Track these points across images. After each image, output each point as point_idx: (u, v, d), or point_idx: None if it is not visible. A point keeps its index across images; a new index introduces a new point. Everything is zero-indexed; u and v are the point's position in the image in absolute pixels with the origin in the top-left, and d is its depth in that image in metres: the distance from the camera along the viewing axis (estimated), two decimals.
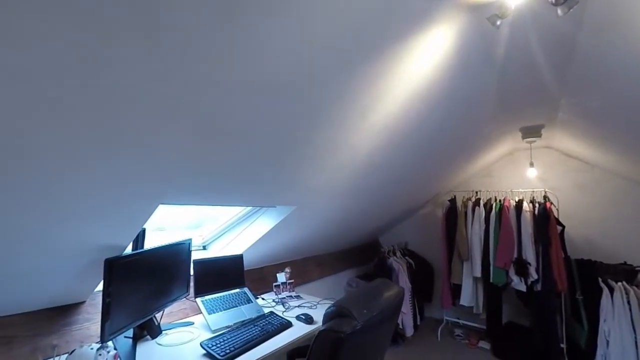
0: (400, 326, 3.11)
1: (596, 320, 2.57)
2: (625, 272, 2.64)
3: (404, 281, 3.23)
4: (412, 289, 3.34)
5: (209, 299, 1.78)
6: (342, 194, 2.09)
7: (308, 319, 1.75)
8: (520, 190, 3.10)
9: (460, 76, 1.48)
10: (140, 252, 1.45)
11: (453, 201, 3.34)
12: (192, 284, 1.83)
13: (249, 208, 2.04)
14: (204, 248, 2.33)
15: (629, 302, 2.47)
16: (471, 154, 2.93)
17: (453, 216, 3.25)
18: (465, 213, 3.18)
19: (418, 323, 3.38)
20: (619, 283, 2.56)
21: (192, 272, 1.82)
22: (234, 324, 1.65)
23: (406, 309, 3.15)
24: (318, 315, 1.84)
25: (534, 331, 2.90)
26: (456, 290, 3.20)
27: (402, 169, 2.30)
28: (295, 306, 2.01)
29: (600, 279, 2.64)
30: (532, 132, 2.55)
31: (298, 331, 1.64)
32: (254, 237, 2.05)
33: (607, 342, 2.50)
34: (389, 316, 1.11)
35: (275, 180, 1.55)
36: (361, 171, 1.90)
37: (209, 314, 1.66)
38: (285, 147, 1.33)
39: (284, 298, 2.15)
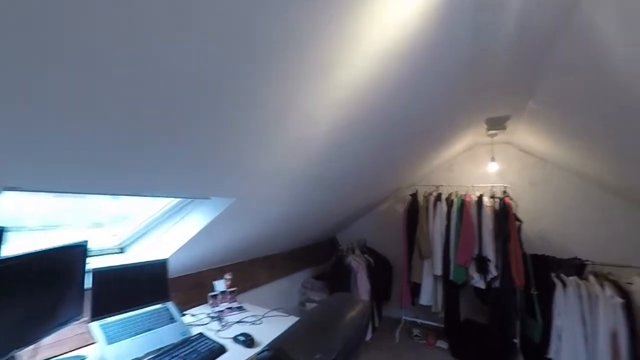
0: None
1: (549, 315, 2.56)
2: (576, 267, 2.67)
3: (363, 281, 3.00)
4: (370, 289, 3.12)
5: (112, 323, 1.32)
6: (294, 185, 1.74)
7: (248, 341, 1.39)
8: (481, 185, 3.02)
9: (436, 44, 1.22)
10: None
11: (415, 196, 3.18)
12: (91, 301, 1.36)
13: (176, 201, 1.61)
14: (121, 251, 1.83)
15: (580, 297, 2.49)
16: (435, 145, 2.76)
17: (414, 212, 3.09)
18: (427, 208, 3.03)
19: (376, 325, 3.18)
20: (571, 277, 2.58)
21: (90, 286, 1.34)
22: (145, 355, 1.22)
23: None
24: (262, 333, 1.49)
25: (490, 328, 2.84)
26: (416, 289, 3.05)
27: (364, 157, 2.03)
28: (235, 322, 1.63)
29: (553, 274, 2.64)
30: (497, 123, 2.43)
31: (234, 359, 1.27)
32: (184, 237, 1.62)
33: (560, 336, 2.50)
34: (352, 348, 0.80)
35: (207, 163, 1.16)
36: (317, 157, 1.57)
37: (109, 343, 1.22)
38: (218, 116, 0.95)
39: (222, 311, 1.75)
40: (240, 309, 1.82)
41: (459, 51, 1.35)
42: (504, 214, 2.68)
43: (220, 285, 1.85)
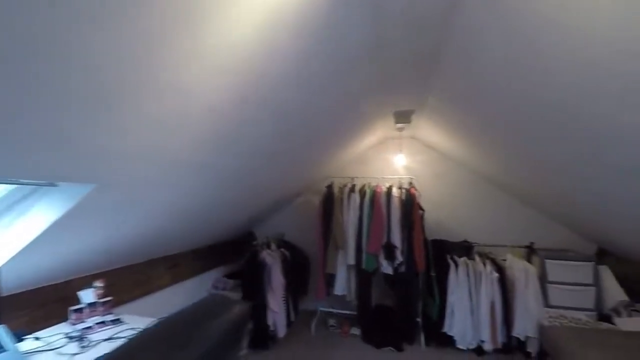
0: (272, 327, 2.75)
1: (445, 294, 2.84)
2: (466, 249, 3.03)
3: (278, 276, 2.88)
4: (285, 284, 3.02)
5: None
6: (177, 174, 1.48)
7: None
8: (390, 177, 3.18)
9: (334, 21, 1.14)
10: None
11: (330, 187, 3.18)
12: None
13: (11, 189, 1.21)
14: None
15: (468, 275, 2.82)
16: (346, 136, 2.78)
17: (330, 203, 3.09)
18: (342, 200, 3.06)
19: (292, 319, 3.10)
20: (462, 258, 2.90)
21: None
22: None
23: (278, 307, 2.80)
24: None
25: (397, 310, 3.03)
26: (331, 280, 3.07)
27: (266, 146, 1.87)
28: (103, 340, 1.32)
29: (448, 256, 2.94)
30: (403, 117, 2.56)
31: None
32: (25, 239, 1.23)
33: (453, 312, 2.80)
34: (216, 358, 0.64)
35: (47, 137, 0.85)
36: (202, 143, 1.35)
37: None
38: (50, 80, 0.67)
39: (89, 328, 1.41)
40: (116, 322, 1.50)
41: (358, 33, 1.30)
42: (409, 204, 2.87)
43: (87, 296, 1.49)
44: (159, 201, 1.62)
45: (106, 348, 1.24)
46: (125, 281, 2.07)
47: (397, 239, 2.84)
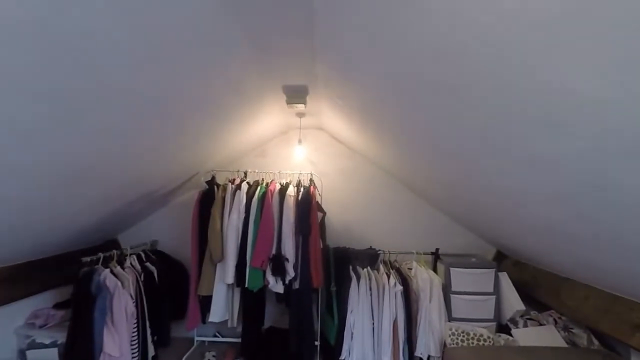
0: None
1: (345, 312, 2.40)
2: (370, 257, 2.64)
3: (124, 305, 2.07)
4: (139, 314, 2.22)
5: None
6: None
7: None
8: (288, 172, 2.63)
9: None
10: None
11: (211, 183, 2.49)
12: None
13: None
14: None
15: (370, 289, 2.42)
16: (233, 121, 2.14)
17: (209, 203, 2.40)
18: (224, 199, 2.39)
19: (151, 354, 2.31)
20: (365, 270, 2.50)
21: None
22: None
23: (119, 349, 1.99)
24: None
25: (291, 333, 2.48)
26: (206, 304, 2.37)
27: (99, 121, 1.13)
28: None
29: (350, 267, 2.51)
30: (295, 95, 2.02)
31: None
32: None
33: (352, 334, 2.36)
34: None
35: None
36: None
37: None
38: None
39: None
40: None
41: None
42: (306, 205, 2.34)
43: None
44: None
45: None
46: None
47: (289, 248, 2.29)
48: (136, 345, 2.15)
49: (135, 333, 2.16)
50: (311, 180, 2.58)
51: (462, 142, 1.46)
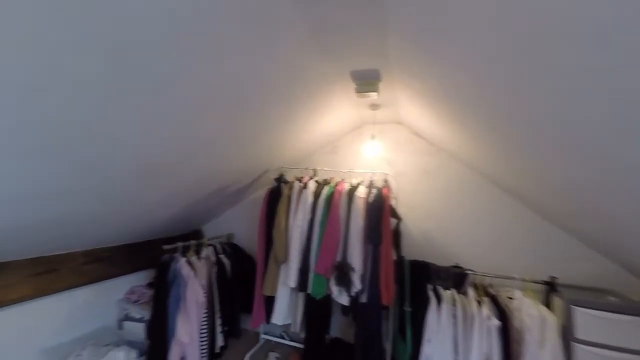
0: None
1: (421, 339, 2.02)
2: (456, 277, 2.17)
3: (196, 294, 2.16)
4: (210, 304, 2.31)
5: None
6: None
7: None
8: (359, 171, 2.37)
9: None
10: None
11: (280, 180, 2.42)
12: None
13: None
14: None
15: (455, 316, 1.98)
16: (299, 115, 2.01)
17: (276, 201, 2.33)
18: (290, 197, 2.29)
19: (217, 350, 2.38)
20: (448, 291, 2.06)
21: None
22: None
23: (190, 336, 2.08)
24: None
25: (356, 350, 2.23)
26: (270, 304, 2.31)
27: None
28: None
29: (429, 286, 2.10)
30: (366, 82, 1.74)
31: None
32: None
33: None
34: None
35: None
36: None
37: None
38: None
39: None
40: None
41: None
42: (377, 209, 2.05)
43: None
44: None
45: None
46: None
47: (356, 257, 2.04)
48: (205, 334, 2.23)
49: (205, 322, 2.24)
50: (385, 180, 2.26)
51: (604, 130, 0.96)
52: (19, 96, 0.90)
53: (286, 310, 2.28)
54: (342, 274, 2.02)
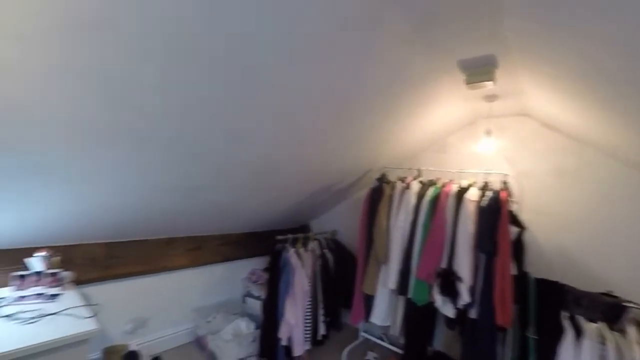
0: (284, 342, 2.29)
1: None
2: (607, 308, 1.69)
3: (301, 281, 2.38)
4: (313, 293, 2.49)
5: None
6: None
7: None
8: (472, 171, 2.13)
9: None
10: None
11: (381, 180, 2.41)
12: None
13: None
14: None
15: (603, 358, 1.55)
16: (401, 112, 1.96)
17: (377, 201, 2.33)
18: (391, 197, 2.25)
19: (319, 337, 2.55)
20: (595, 325, 1.63)
21: None
22: None
23: (295, 318, 2.31)
24: (6, 336, 1.05)
25: None
26: (369, 302, 2.33)
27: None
28: (3, 317, 1.20)
29: (565, 314, 1.71)
30: (478, 71, 1.55)
31: None
32: None
33: None
34: None
35: None
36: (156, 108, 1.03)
37: None
38: None
39: (23, 298, 1.35)
40: (53, 297, 1.40)
41: None
42: (492, 214, 1.80)
43: (36, 263, 1.44)
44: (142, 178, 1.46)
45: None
46: (125, 255, 2.07)
47: (464, 266, 1.84)
48: (309, 321, 2.43)
49: (309, 310, 2.44)
50: (504, 182, 1.96)
51: None
52: (180, 112, 1.21)
53: (385, 311, 2.25)
54: (447, 282, 1.86)
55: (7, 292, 1.36)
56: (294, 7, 0.95)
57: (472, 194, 1.94)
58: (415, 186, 2.18)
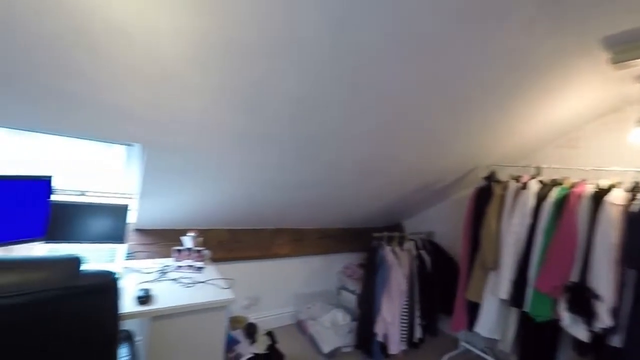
0: (381, 338, 2.31)
1: None
2: None
3: (398, 280, 2.36)
4: (410, 293, 2.44)
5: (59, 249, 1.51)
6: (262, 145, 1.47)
7: (143, 298, 1.29)
8: (615, 169, 1.75)
9: None
10: None
11: (490, 179, 2.20)
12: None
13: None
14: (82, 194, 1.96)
15: None
16: (518, 103, 1.75)
17: (485, 202, 2.14)
18: (503, 198, 2.03)
19: (415, 340, 2.48)
20: None
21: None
22: None
23: (392, 316, 2.30)
24: (171, 295, 1.39)
25: None
26: (474, 310, 2.16)
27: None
28: (171, 279, 1.58)
29: None
30: (628, 46, 1.27)
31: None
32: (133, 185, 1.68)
33: None
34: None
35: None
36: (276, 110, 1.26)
37: None
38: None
39: (180, 267, 1.74)
40: (199, 269, 1.76)
41: None
42: None
43: (187, 241, 1.83)
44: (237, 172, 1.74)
45: (164, 286, 1.48)
46: (245, 241, 2.42)
47: (602, 282, 1.54)
48: (406, 321, 2.39)
49: (406, 310, 2.41)
50: None
51: None
52: (302, 117, 1.36)
53: (494, 322, 2.05)
54: (579, 299, 1.59)
55: (170, 261, 1.78)
56: (406, 8, 0.96)
57: (616, 197, 1.60)
58: (534, 186, 1.92)
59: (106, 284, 0.69)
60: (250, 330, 2.01)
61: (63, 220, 1.56)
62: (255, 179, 1.86)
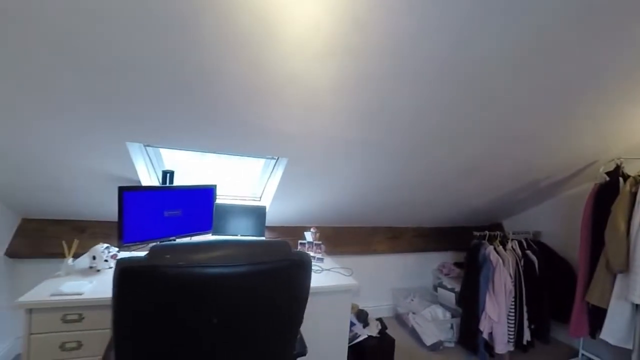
0: (486, 337, 2.32)
1: None
2: None
3: (504, 280, 2.33)
4: (517, 294, 2.38)
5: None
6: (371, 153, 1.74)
7: None
8: None
9: None
10: (151, 186, 1.79)
11: (615, 174, 2.02)
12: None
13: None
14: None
15: None
16: None
17: (609, 199, 1.98)
18: (634, 195, 1.86)
19: (525, 342, 2.40)
20: None
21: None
22: None
23: (498, 316, 2.29)
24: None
25: None
26: (597, 315, 2.01)
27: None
28: None
29: None
30: None
31: None
32: (272, 191, 2.07)
33: None
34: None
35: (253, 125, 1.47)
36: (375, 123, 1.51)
37: None
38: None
39: None
40: (319, 260, 2.07)
41: None
42: None
43: (309, 236, 2.16)
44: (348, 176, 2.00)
45: None
46: (347, 237, 2.69)
47: None
48: (513, 321, 2.35)
49: (513, 310, 2.36)
50: None
51: None
52: (414, 125, 1.54)
53: (624, 330, 1.89)
54: None
55: None
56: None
57: None
58: None
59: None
60: (362, 316, 2.26)
61: (223, 218, 2.05)
62: (364, 182, 2.10)
